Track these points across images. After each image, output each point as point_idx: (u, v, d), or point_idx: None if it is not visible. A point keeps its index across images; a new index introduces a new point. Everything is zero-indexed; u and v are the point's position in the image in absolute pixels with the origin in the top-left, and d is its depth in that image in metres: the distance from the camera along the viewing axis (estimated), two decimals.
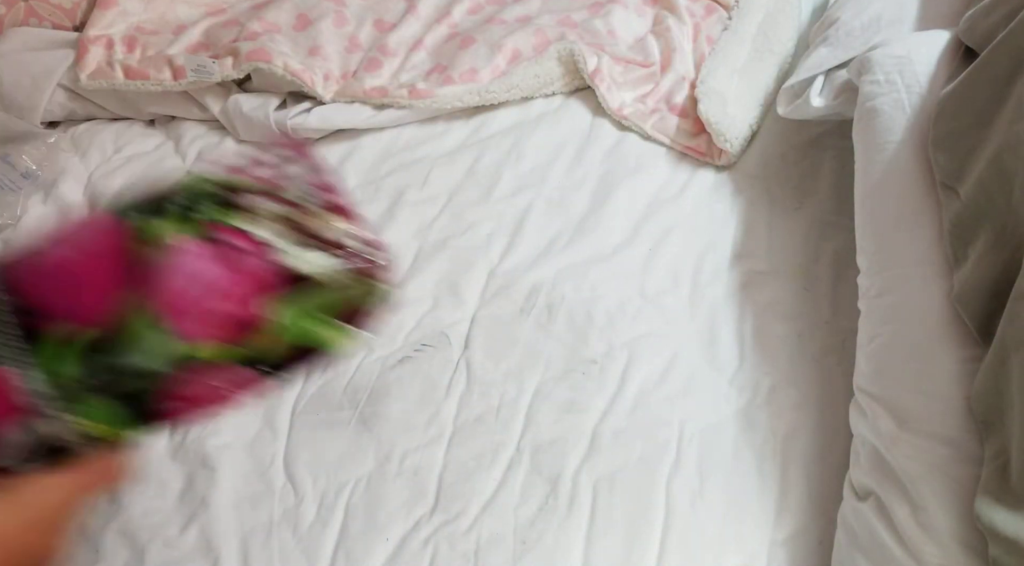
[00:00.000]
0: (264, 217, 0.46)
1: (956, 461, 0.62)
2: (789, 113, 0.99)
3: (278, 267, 0.45)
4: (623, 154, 1.09)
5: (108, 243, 0.45)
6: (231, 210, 0.46)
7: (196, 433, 0.87)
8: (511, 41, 1.17)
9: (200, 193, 0.46)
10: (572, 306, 0.93)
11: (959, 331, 0.66)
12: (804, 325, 0.88)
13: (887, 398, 0.69)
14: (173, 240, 0.44)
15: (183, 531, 0.80)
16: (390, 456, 0.83)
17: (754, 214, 1.00)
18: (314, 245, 0.47)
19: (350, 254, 0.47)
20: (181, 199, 0.46)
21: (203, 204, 0.46)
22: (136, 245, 0.45)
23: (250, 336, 0.46)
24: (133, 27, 1.23)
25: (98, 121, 1.25)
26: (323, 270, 0.46)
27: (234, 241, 0.45)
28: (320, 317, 0.47)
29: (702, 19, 1.22)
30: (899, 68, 0.82)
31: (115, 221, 0.45)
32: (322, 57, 1.17)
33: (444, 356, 0.90)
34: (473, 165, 1.10)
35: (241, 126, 1.16)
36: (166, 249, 0.44)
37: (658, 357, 0.88)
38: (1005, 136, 0.65)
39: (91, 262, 0.45)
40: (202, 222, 0.45)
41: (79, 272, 0.45)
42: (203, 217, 0.45)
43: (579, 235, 1.00)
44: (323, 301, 0.47)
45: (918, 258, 0.72)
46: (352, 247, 0.48)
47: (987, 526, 0.55)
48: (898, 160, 0.78)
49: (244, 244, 0.45)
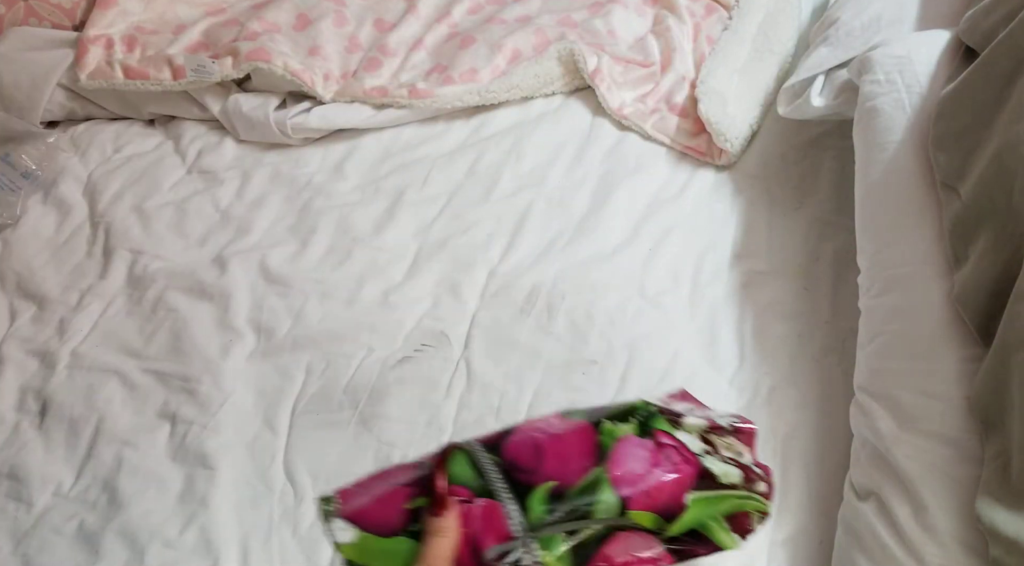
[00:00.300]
0: (692, 430, 0.62)
1: (957, 461, 0.62)
2: (789, 113, 0.99)
3: (698, 468, 0.60)
4: (623, 154, 1.09)
5: (583, 435, 0.61)
6: (671, 423, 0.62)
7: (196, 433, 0.87)
8: (511, 41, 1.17)
9: (651, 411, 0.62)
10: (572, 306, 0.93)
11: (959, 331, 0.66)
12: (804, 325, 0.88)
13: (887, 398, 0.68)
14: (628, 437, 0.61)
15: (183, 531, 0.80)
16: (390, 456, 0.83)
17: (754, 214, 1.00)
18: (721, 458, 0.62)
19: (746, 470, 0.62)
20: (639, 415, 0.62)
21: (653, 417, 0.62)
22: (603, 438, 0.61)
23: (670, 516, 0.59)
24: (133, 27, 1.23)
25: (98, 121, 1.25)
26: (726, 476, 0.61)
27: (671, 444, 0.61)
28: (718, 517, 0.61)
29: (702, 19, 1.22)
30: (899, 68, 0.82)
31: (590, 425, 0.62)
32: (322, 57, 1.17)
33: (444, 356, 0.90)
34: (473, 165, 1.10)
35: (241, 126, 1.16)
36: (622, 441, 0.60)
37: (658, 357, 0.88)
38: (1005, 136, 0.65)
39: (568, 443, 0.61)
40: (652, 430, 0.61)
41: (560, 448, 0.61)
42: (653, 426, 0.62)
43: (579, 235, 1.00)
44: (723, 504, 0.61)
45: (918, 258, 0.72)
46: (747, 466, 0.62)
47: (988, 526, 0.55)
48: (898, 160, 0.78)
49: (678, 447, 0.61)
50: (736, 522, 0.62)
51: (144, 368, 0.94)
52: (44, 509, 0.83)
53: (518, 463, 0.61)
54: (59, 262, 1.07)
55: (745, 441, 0.65)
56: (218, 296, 0.99)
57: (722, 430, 0.64)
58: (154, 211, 1.10)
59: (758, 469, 0.65)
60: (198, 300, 0.99)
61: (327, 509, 0.66)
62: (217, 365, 0.92)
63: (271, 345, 0.94)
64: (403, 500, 0.62)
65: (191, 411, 0.89)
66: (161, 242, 1.07)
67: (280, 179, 1.12)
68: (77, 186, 1.16)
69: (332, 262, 1.01)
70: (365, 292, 0.98)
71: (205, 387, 0.90)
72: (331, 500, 0.67)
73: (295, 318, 0.96)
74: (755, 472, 0.64)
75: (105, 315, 1.00)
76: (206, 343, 0.94)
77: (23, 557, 0.80)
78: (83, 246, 1.09)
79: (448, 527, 0.58)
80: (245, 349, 0.94)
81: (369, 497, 0.64)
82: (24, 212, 1.13)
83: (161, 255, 1.05)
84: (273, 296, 0.98)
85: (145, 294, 1.01)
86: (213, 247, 1.05)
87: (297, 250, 1.03)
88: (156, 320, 0.98)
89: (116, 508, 0.82)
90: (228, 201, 1.11)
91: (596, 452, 0.61)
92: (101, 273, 1.04)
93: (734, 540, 0.62)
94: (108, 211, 1.11)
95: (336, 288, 0.98)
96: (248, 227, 1.07)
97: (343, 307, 0.96)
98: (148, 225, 1.09)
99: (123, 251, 1.06)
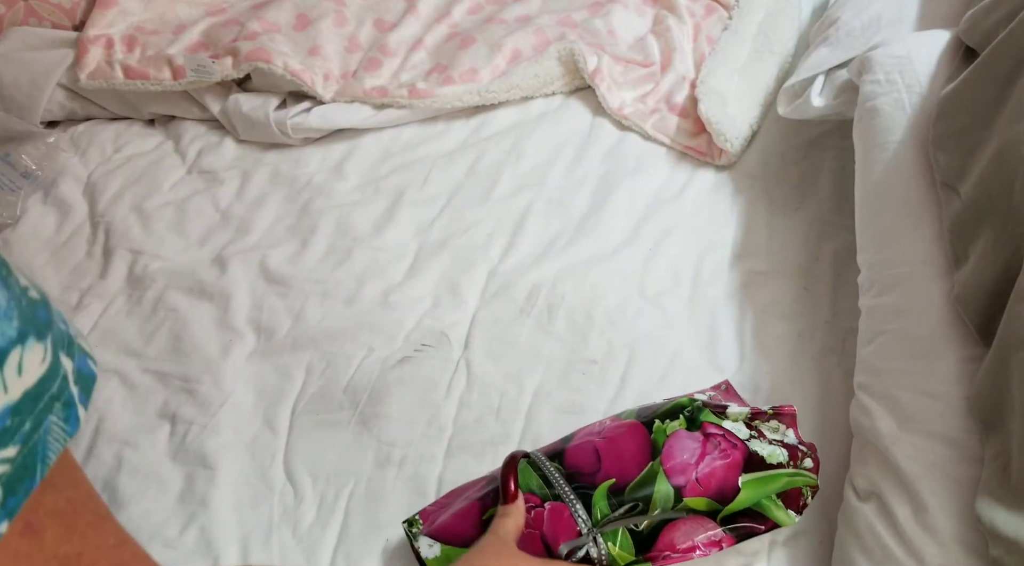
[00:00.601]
0: (737, 418, 0.68)
1: (957, 461, 0.62)
2: (789, 113, 0.99)
3: (745, 452, 0.65)
4: (623, 154, 1.09)
5: (637, 434, 0.67)
6: (717, 415, 0.67)
7: (196, 433, 0.87)
8: (511, 41, 1.17)
9: (696, 406, 0.68)
10: (572, 306, 0.93)
11: (959, 331, 0.66)
12: (804, 325, 0.88)
13: (887, 398, 0.68)
14: (678, 432, 0.66)
15: (183, 531, 0.80)
16: (390, 456, 0.83)
17: (754, 214, 1.00)
18: (767, 440, 0.67)
19: (791, 449, 0.67)
20: (686, 412, 0.68)
21: (700, 411, 0.68)
22: (655, 436, 0.66)
23: (724, 499, 0.64)
24: (133, 27, 1.23)
25: (98, 121, 1.25)
26: (773, 457, 0.65)
27: (718, 433, 0.66)
28: (771, 495, 0.65)
29: (702, 19, 1.22)
30: (899, 68, 0.82)
31: (642, 425, 0.67)
32: (322, 57, 1.17)
33: (444, 356, 0.90)
34: (473, 165, 1.10)
35: (241, 126, 1.16)
36: (673, 436, 0.66)
37: (658, 357, 0.88)
38: (1005, 135, 0.65)
39: (623, 443, 0.66)
40: (700, 422, 0.67)
41: (616, 449, 0.66)
42: (701, 419, 0.67)
43: (579, 235, 1.00)
44: (775, 483, 0.65)
45: (918, 258, 0.72)
46: (792, 445, 0.67)
47: (988, 526, 0.55)
48: (898, 160, 0.78)
49: (725, 435, 0.66)
50: (789, 499, 0.66)
51: (144, 368, 0.94)
52: None
53: (580, 469, 0.66)
54: (59, 262, 1.07)
55: (787, 422, 0.69)
56: (218, 296, 0.99)
57: (764, 415, 0.68)
58: (154, 211, 1.10)
59: (803, 447, 0.68)
60: (198, 300, 0.99)
61: (413, 531, 0.68)
62: (217, 365, 0.92)
63: (271, 345, 0.94)
64: (480, 512, 0.67)
65: (191, 411, 0.89)
66: (161, 242, 1.07)
67: (280, 179, 1.12)
68: (77, 186, 1.16)
69: (332, 262, 1.01)
70: (365, 292, 0.98)
71: (205, 387, 0.90)
72: (415, 522, 0.69)
73: (295, 318, 0.96)
74: (800, 450, 0.68)
75: (105, 315, 1.00)
76: (206, 343, 0.94)
77: None
78: (83, 246, 1.09)
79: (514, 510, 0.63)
80: (245, 349, 0.94)
81: (448, 513, 0.69)
82: (24, 212, 1.13)
83: (161, 255, 1.05)
84: (273, 296, 0.98)
85: (145, 294, 1.01)
86: (213, 247, 1.05)
87: (297, 250, 1.03)
88: (156, 320, 0.98)
89: (116, 508, 0.82)
90: (228, 201, 1.11)
91: (650, 449, 0.65)
92: (101, 273, 1.04)
93: (791, 516, 0.65)
94: (108, 211, 1.11)
95: (336, 288, 0.98)
96: (248, 227, 1.07)
97: (343, 307, 0.96)
98: (148, 225, 1.09)
99: (123, 251, 1.06)
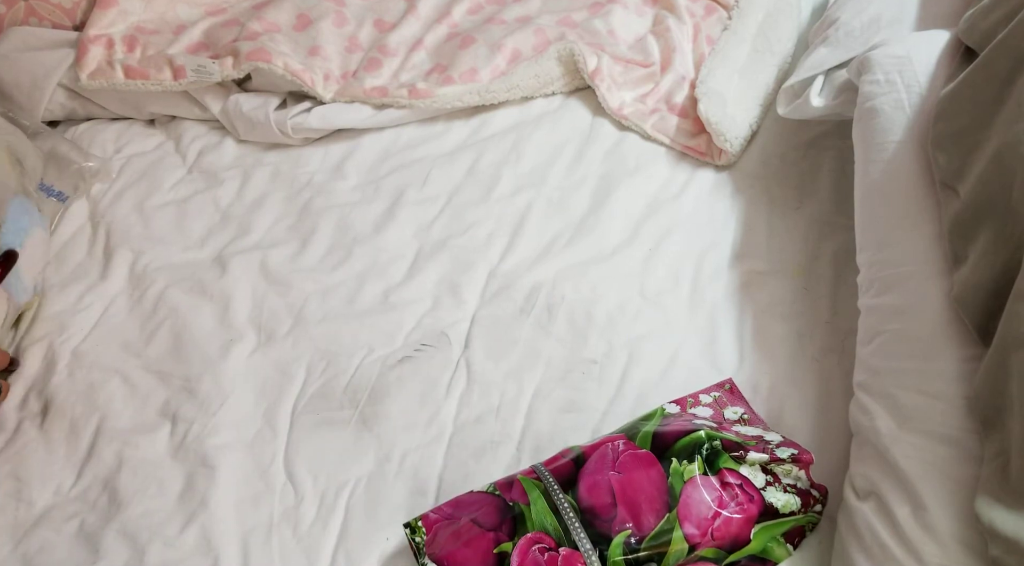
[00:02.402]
0: (753, 464, 0.68)
1: (956, 461, 0.62)
2: (789, 113, 0.99)
3: (761, 506, 0.67)
4: (623, 154, 1.09)
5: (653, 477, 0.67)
6: (735, 459, 0.68)
7: (196, 433, 0.87)
8: (511, 41, 1.17)
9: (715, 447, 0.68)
10: (572, 306, 0.93)
11: (959, 331, 0.67)
12: (804, 325, 0.88)
13: (887, 397, 0.69)
14: (696, 477, 0.67)
15: (183, 531, 0.80)
16: (390, 456, 0.83)
17: (754, 214, 1.00)
18: (783, 487, 0.68)
19: (804, 496, 0.69)
20: (704, 451, 0.68)
21: (719, 456, 0.68)
22: (672, 480, 0.67)
23: (734, 549, 0.66)
24: (133, 27, 1.23)
25: (98, 121, 1.25)
26: (787, 507, 0.67)
27: (736, 481, 0.67)
28: (777, 537, 0.67)
29: (702, 19, 1.22)
30: (899, 68, 0.82)
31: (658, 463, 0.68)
32: (322, 57, 1.17)
33: (444, 356, 0.91)
34: (473, 165, 1.10)
35: (241, 126, 1.16)
36: (690, 484, 0.66)
37: (658, 357, 0.88)
38: (1005, 136, 0.65)
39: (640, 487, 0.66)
40: (719, 468, 0.67)
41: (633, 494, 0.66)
42: (719, 465, 0.68)
43: (579, 235, 1.00)
44: (783, 527, 0.67)
45: (918, 258, 0.72)
46: (806, 491, 0.69)
47: (987, 526, 0.55)
48: (898, 160, 0.78)
49: (742, 483, 0.67)
50: (790, 535, 0.69)
51: (145, 367, 0.94)
52: (44, 508, 0.83)
53: (595, 510, 0.66)
54: (59, 261, 1.07)
55: (803, 468, 0.70)
56: (218, 296, 0.99)
57: (782, 461, 0.69)
58: (155, 211, 1.11)
59: (815, 490, 0.70)
60: (199, 300, 0.99)
61: (416, 539, 0.69)
62: (217, 364, 0.92)
63: (271, 345, 0.94)
64: (491, 545, 0.67)
65: (191, 410, 0.89)
66: (162, 242, 1.07)
67: (280, 179, 1.12)
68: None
69: (332, 262, 1.02)
70: (365, 292, 0.98)
71: (205, 386, 0.90)
72: (417, 529, 0.70)
73: (295, 318, 0.96)
74: (813, 496, 0.70)
75: (106, 314, 1.00)
76: (206, 342, 0.94)
77: (23, 556, 0.80)
78: (84, 246, 1.09)
79: None
80: (245, 348, 0.94)
81: (456, 541, 0.68)
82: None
83: (162, 255, 1.05)
84: (273, 296, 0.98)
85: (146, 293, 1.01)
86: (214, 247, 1.06)
87: (297, 250, 1.03)
88: (157, 319, 0.98)
89: (116, 507, 0.82)
90: (228, 201, 1.11)
91: (667, 496, 0.66)
92: (102, 273, 1.04)
93: (788, 550, 0.68)
94: (109, 211, 1.11)
95: (336, 288, 0.98)
96: (248, 227, 1.07)
97: (343, 307, 0.96)
98: (149, 225, 1.09)
99: (124, 250, 1.06)
